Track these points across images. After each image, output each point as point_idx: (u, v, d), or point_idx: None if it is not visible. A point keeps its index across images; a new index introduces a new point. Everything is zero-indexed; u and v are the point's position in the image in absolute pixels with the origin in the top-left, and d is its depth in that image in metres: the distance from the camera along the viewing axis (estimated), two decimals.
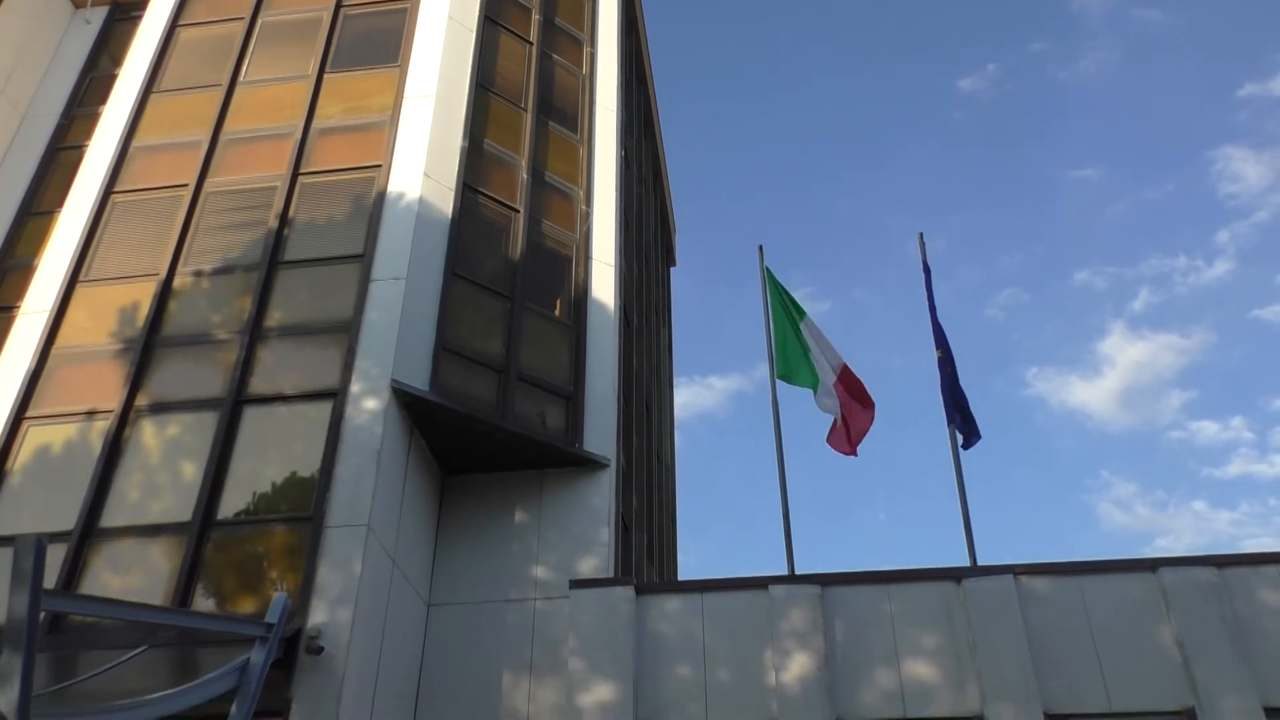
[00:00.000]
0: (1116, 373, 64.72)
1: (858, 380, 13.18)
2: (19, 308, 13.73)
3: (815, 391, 13.15)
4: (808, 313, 13.66)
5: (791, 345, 13.30)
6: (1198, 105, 63.67)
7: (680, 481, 23.27)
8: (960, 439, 12.20)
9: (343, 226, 13.67)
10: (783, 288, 13.77)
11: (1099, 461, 64.98)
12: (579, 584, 10.64)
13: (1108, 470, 65.28)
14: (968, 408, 12.44)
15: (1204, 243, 63.96)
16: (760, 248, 14.06)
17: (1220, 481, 62.75)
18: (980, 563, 10.98)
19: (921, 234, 13.80)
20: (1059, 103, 65.18)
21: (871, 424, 13.16)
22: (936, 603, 10.14)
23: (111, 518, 11.44)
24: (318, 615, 10.35)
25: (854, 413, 13.08)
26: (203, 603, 10.82)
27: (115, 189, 14.67)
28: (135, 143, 15.27)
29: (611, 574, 12.50)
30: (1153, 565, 10.09)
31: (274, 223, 13.71)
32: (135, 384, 12.46)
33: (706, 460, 63.19)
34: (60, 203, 15.23)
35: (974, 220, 65.38)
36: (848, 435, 13.05)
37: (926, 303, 13.12)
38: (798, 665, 9.81)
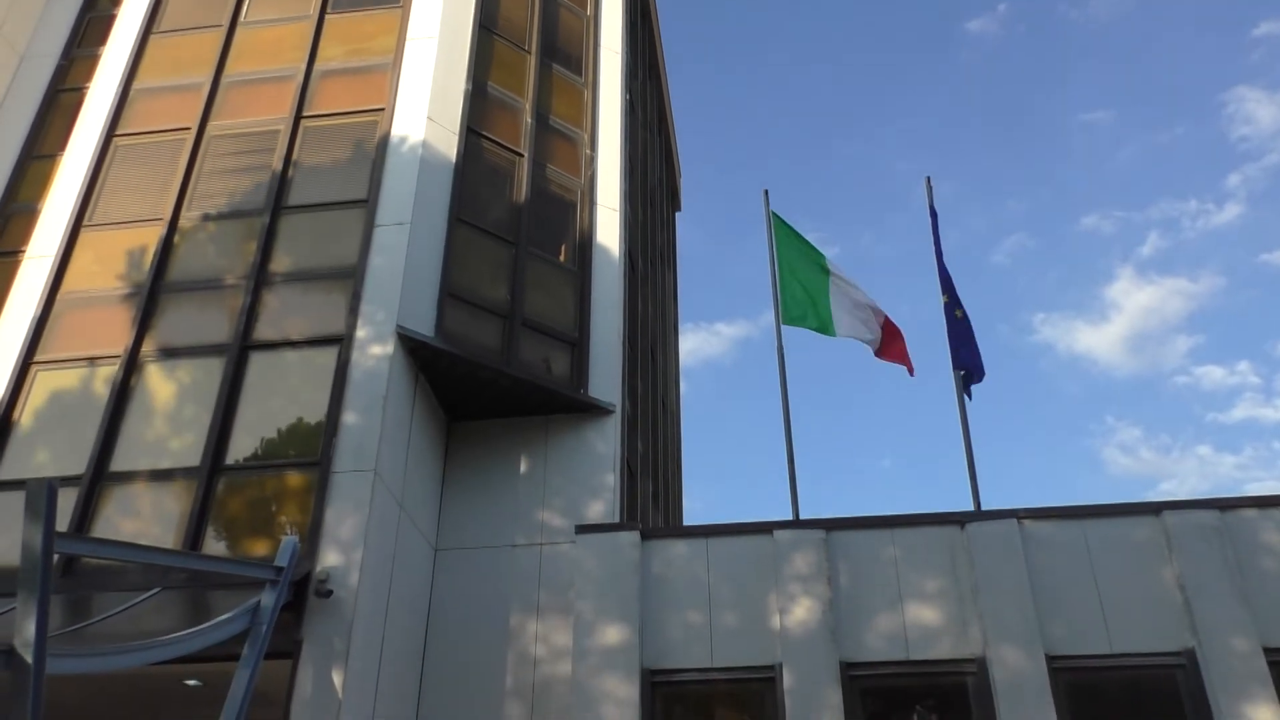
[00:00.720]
0: (1124, 318, 64.58)
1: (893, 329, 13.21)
2: (24, 252, 13.71)
3: (833, 332, 13.01)
4: (827, 258, 13.51)
5: (812, 286, 13.08)
6: (1211, 45, 62.67)
7: (686, 428, 23.36)
8: (964, 377, 12.22)
9: (346, 171, 13.56)
10: (795, 231, 13.61)
11: (1104, 407, 65.15)
12: (585, 529, 10.69)
13: (1112, 416, 65.45)
14: (976, 347, 12.43)
15: (1214, 186, 63.34)
16: (765, 192, 13.92)
17: (1225, 426, 62.93)
18: (984, 508, 11.03)
19: (929, 178, 13.69)
20: (1070, 44, 64.21)
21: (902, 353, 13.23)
22: (940, 547, 10.18)
23: (121, 462, 11.53)
24: (326, 559, 10.46)
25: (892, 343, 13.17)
26: (213, 546, 10.94)
27: (117, 132, 14.56)
28: (136, 85, 15.12)
29: (617, 519, 12.59)
30: (1156, 509, 10.11)
31: (277, 166, 13.61)
32: (142, 329, 12.48)
33: (713, 408, 63.53)
34: (62, 146, 15.12)
35: (982, 165, 64.83)
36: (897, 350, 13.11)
37: (933, 248, 13.04)
38: (802, 609, 9.89)
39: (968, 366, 12.26)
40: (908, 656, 9.72)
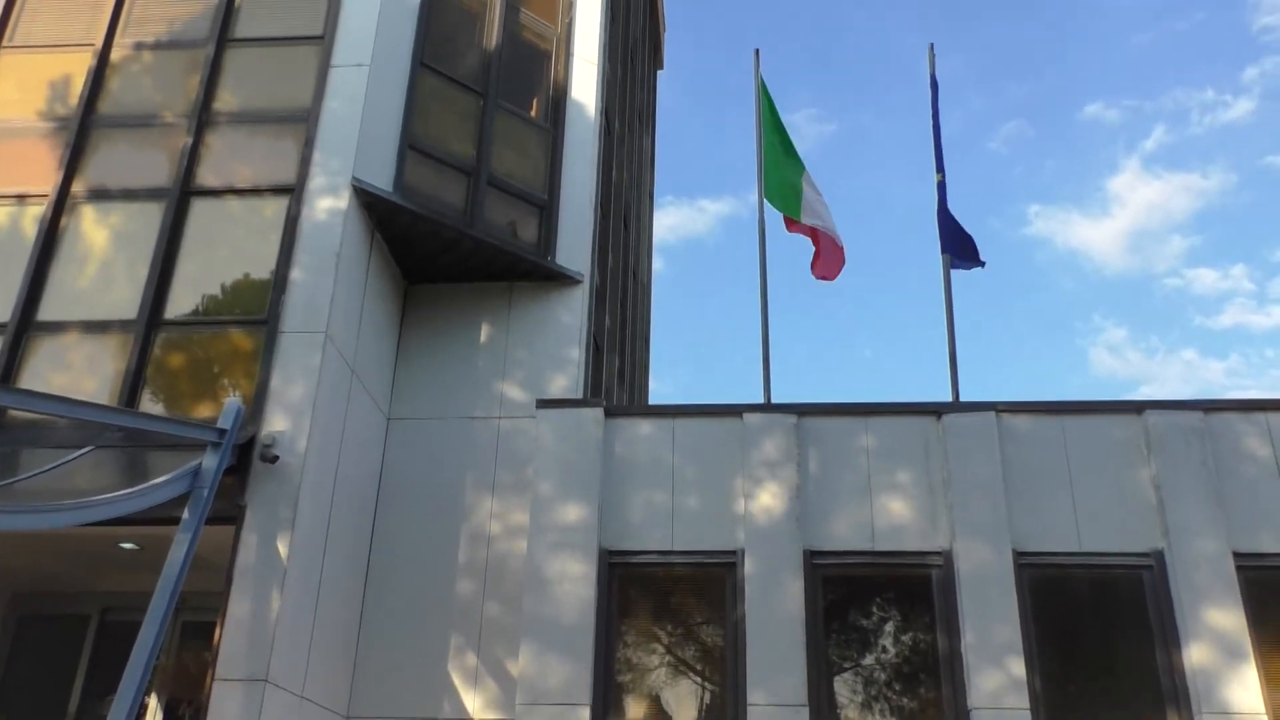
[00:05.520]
0: (1127, 213, 63.23)
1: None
2: None
3: (799, 216, 12.71)
4: (804, 165, 13.00)
5: (783, 164, 12.60)
6: None
7: (663, 308, 22.87)
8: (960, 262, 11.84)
9: (300, 1, 12.47)
10: (774, 109, 12.97)
11: (1092, 305, 64.71)
12: (546, 404, 10.28)
13: (1099, 314, 65.10)
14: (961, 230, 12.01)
15: (1230, 79, 61.32)
16: (756, 51, 13.09)
17: (1213, 331, 62.78)
18: (964, 400, 10.74)
19: (932, 45, 12.91)
20: None
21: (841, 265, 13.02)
22: (915, 437, 9.88)
23: (51, 311, 10.82)
24: (273, 423, 9.97)
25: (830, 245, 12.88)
26: (151, 406, 10.40)
27: None
28: None
29: (580, 394, 12.18)
30: (1139, 408, 9.85)
31: None
32: (72, 167, 11.55)
33: (692, 289, 62.19)
34: None
35: (988, 43, 62.17)
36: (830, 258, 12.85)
37: (931, 124, 12.35)
38: (768, 495, 9.62)
39: (958, 250, 11.80)
40: (873, 547, 9.52)
